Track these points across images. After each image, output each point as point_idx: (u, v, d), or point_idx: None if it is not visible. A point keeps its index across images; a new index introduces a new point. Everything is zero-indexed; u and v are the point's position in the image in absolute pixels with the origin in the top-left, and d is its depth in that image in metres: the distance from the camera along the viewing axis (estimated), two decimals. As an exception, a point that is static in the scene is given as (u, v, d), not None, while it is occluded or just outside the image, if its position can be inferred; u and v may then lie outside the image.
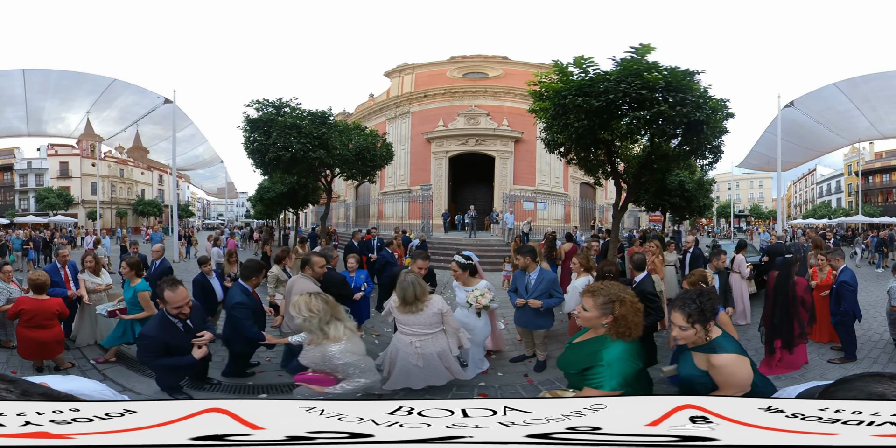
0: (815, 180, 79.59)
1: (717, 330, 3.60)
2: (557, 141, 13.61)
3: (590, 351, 3.89)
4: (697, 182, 25.19)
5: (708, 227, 67.52)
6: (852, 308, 8.10)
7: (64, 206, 58.79)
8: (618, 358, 3.68)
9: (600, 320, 3.88)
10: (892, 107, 25.72)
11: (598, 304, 3.87)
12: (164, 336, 5.33)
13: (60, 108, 25.45)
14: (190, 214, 79.03)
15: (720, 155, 13.80)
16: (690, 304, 3.49)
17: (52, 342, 6.95)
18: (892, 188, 63.83)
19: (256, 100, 18.61)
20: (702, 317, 3.47)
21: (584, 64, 11.87)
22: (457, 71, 40.01)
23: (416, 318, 5.90)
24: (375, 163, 22.17)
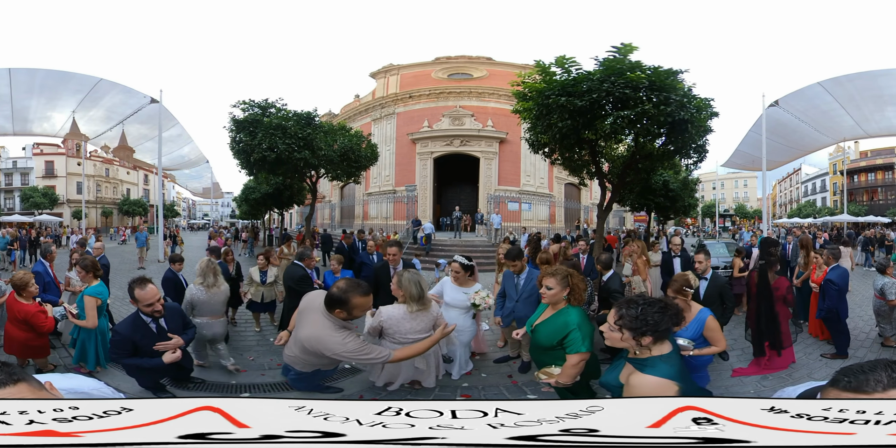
0: (800, 179, 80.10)
1: (660, 348, 3.21)
2: (541, 141, 13.66)
3: (559, 323, 4.67)
4: (682, 182, 25.30)
5: (694, 226, 67.69)
6: (835, 306, 8.18)
7: (49, 205, 58.59)
8: (583, 320, 4.61)
9: (563, 292, 4.77)
10: (877, 106, 25.78)
11: (558, 281, 4.77)
12: (133, 335, 5.32)
13: (46, 107, 25.25)
14: (175, 214, 78.85)
15: (705, 154, 13.85)
16: (632, 307, 3.18)
17: (23, 343, 6.72)
18: (876, 187, 64.35)
19: (242, 100, 18.59)
20: (634, 324, 3.12)
21: (567, 64, 11.91)
22: (441, 72, 40.10)
23: (418, 323, 5.72)
24: (360, 164, 22.11)
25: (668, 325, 3.19)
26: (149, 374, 5.71)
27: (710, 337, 5.35)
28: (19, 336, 6.63)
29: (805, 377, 7.30)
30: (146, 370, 5.59)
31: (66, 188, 62.40)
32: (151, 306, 5.35)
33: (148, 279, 5.56)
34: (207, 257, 8.79)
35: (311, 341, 4.77)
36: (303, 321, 5.02)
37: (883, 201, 62.19)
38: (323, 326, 4.75)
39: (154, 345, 5.34)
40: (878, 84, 23.81)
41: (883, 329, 8.86)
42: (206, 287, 7.56)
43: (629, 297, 3.35)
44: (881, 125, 27.49)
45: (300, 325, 5.03)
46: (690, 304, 5.53)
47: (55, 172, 63.00)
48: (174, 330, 5.62)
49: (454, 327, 5.60)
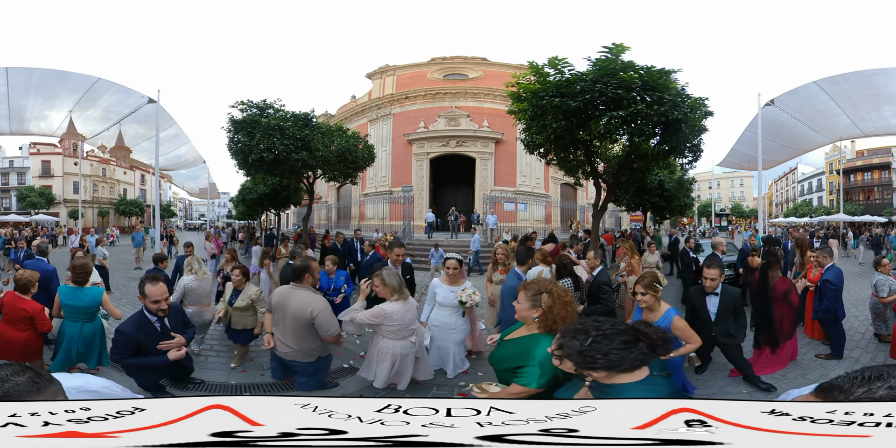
0: (797, 179, 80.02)
1: (631, 375, 2.57)
2: (536, 142, 13.70)
3: (523, 348, 3.79)
4: (677, 181, 25.32)
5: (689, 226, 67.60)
6: (833, 306, 8.19)
7: (46, 205, 58.42)
8: (549, 357, 2.97)
9: (531, 313, 3.85)
10: (873, 105, 25.77)
11: (528, 297, 3.87)
12: (137, 335, 5.34)
13: (43, 106, 25.18)
14: (172, 214, 78.76)
15: (700, 153, 13.90)
16: (577, 339, 2.61)
17: (19, 346, 6.53)
18: (873, 186, 64.29)
19: (241, 101, 18.48)
20: (577, 359, 2.58)
21: (559, 65, 11.94)
22: (437, 72, 40.10)
23: (408, 314, 6.08)
24: (357, 164, 22.01)
25: (641, 361, 2.59)
26: (149, 373, 5.72)
27: (680, 336, 5.38)
28: (19, 337, 6.51)
29: (799, 378, 7.37)
30: (147, 370, 5.60)
31: (62, 188, 62.24)
32: (158, 303, 5.38)
33: (160, 277, 5.66)
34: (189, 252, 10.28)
35: (301, 308, 5.89)
36: (284, 308, 6.01)
37: (879, 201, 62.14)
38: (302, 295, 6.02)
39: (158, 343, 5.39)
40: (873, 83, 23.85)
41: (878, 326, 8.94)
42: (195, 274, 8.53)
43: (569, 329, 2.74)
44: (877, 124, 27.53)
45: (283, 311, 6.01)
46: (660, 302, 5.54)
47: (52, 172, 62.84)
48: (176, 329, 5.67)
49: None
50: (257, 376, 7.48)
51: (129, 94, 24.65)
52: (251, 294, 7.99)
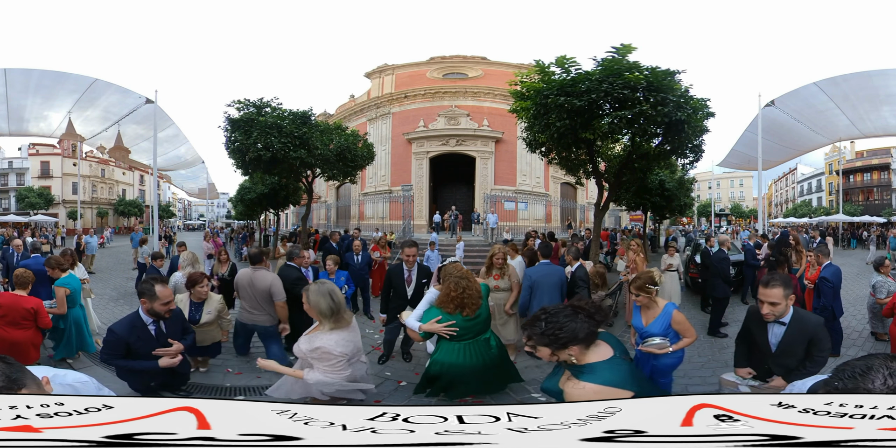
0: (796, 179, 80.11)
1: (597, 354, 3.01)
2: (539, 140, 13.69)
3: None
4: (678, 181, 25.28)
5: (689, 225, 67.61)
6: (830, 304, 8.22)
7: (44, 205, 58.44)
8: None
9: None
10: (873, 106, 25.89)
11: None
12: (128, 336, 5.16)
13: (42, 107, 25.28)
14: (171, 215, 78.75)
15: (701, 154, 13.91)
16: (536, 324, 3.00)
17: (24, 344, 6.39)
18: (872, 187, 64.35)
19: (238, 100, 18.45)
20: (546, 340, 2.94)
21: (567, 64, 11.92)
22: (437, 71, 40.08)
23: (349, 346, 4.52)
24: (356, 163, 22.04)
25: (589, 329, 2.97)
26: (140, 377, 5.51)
27: (679, 330, 5.32)
28: (22, 336, 6.40)
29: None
30: (137, 373, 5.42)
31: (61, 189, 62.19)
32: (167, 305, 5.26)
33: (166, 278, 5.74)
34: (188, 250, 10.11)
35: (262, 282, 7.23)
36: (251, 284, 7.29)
37: (879, 201, 62.16)
38: (261, 274, 7.38)
39: (151, 347, 5.22)
40: (873, 84, 23.93)
41: (875, 325, 9.18)
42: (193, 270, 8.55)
43: (531, 318, 3.11)
44: (876, 125, 27.61)
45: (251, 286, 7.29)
46: (656, 300, 5.48)
47: (51, 173, 62.78)
48: (174, 334, 5.49)
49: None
50: (253, 379, 7.34)
51: (126, 95, 24.73)
52: (216, 305, 7.21)
